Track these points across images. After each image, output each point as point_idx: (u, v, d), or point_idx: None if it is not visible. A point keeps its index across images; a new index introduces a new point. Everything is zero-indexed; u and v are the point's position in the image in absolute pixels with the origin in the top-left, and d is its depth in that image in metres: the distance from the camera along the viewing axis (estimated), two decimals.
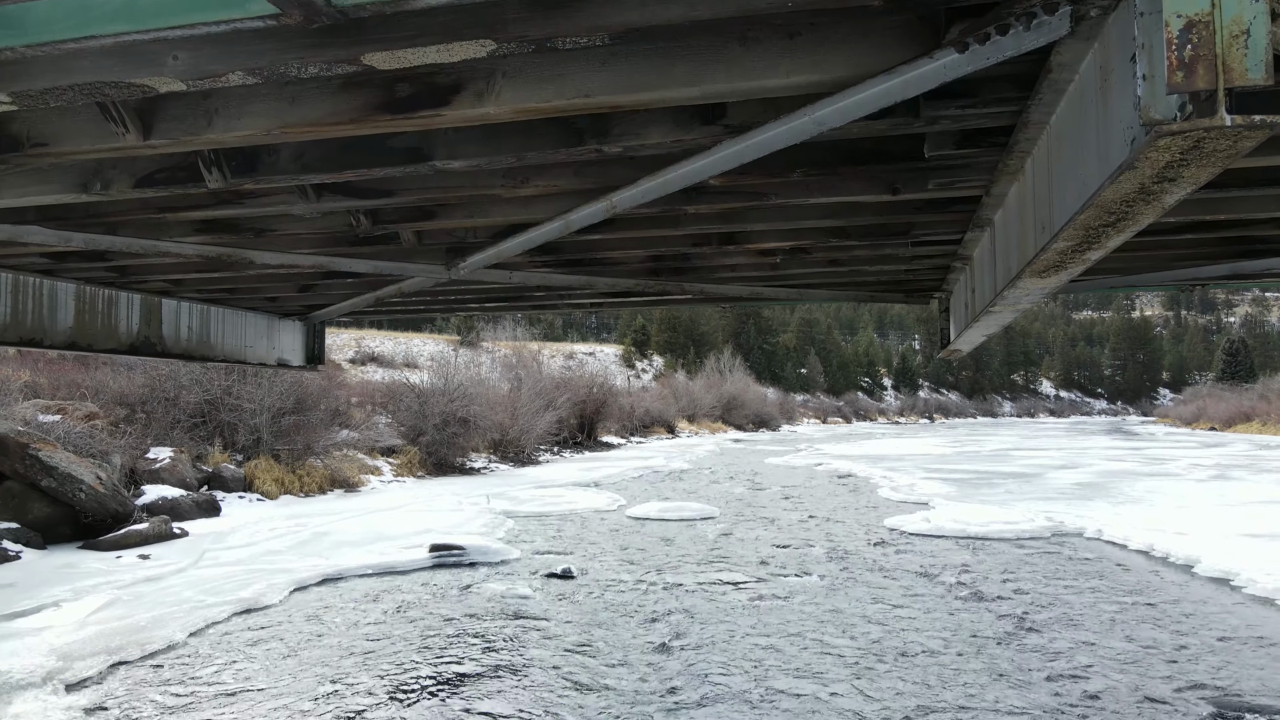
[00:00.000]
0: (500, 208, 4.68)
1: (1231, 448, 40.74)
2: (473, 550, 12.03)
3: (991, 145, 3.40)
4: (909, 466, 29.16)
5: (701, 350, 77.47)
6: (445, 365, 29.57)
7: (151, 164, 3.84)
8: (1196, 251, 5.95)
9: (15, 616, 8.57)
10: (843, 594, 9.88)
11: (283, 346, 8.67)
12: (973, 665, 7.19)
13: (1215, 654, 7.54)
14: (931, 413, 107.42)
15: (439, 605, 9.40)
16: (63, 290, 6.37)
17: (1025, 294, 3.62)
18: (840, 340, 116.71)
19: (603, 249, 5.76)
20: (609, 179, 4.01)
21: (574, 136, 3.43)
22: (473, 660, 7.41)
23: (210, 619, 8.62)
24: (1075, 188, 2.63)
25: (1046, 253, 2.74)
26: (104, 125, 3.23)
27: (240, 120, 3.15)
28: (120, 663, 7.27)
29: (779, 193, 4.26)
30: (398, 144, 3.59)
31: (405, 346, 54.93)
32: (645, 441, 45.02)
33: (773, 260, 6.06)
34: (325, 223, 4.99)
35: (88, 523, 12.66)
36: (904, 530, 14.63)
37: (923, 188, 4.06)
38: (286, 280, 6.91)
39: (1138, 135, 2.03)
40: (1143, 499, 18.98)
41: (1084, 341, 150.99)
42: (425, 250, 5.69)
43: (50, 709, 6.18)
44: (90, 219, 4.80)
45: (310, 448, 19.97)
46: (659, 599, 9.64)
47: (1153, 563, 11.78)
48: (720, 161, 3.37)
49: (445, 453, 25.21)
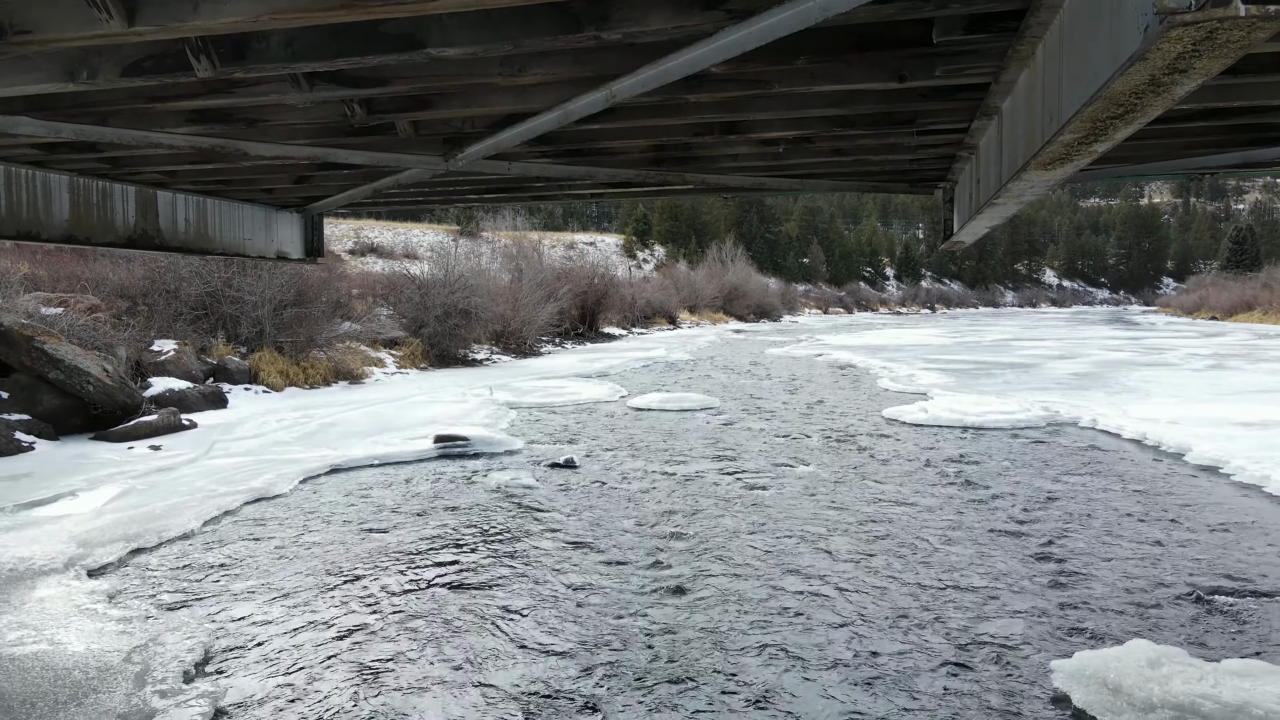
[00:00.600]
0: (498, 97, 4.58)
1: (1230, 337, 40.89)
2: (477, 441, 12.25)
3: (1002, 30, 3.30)
4: (908, 357, 29.36)
5: (703, 239, 76.87)
6: (445, 256, 29.40)
7: (138, 51, 3.74)
8: (1207, 139, 5.84)
9: (34, 505, 8.81)
10: (840, 485, 10.12)
11: (281, 239, 8.61)
12: (968, 558, 7.42)
13: (1204, 541, 7.76)
14: (934, 303, 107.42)
15: (444, 495, 9.64)
16: (56, 182, 6.29)
17: (1030, 185, 3.58)
18: (844, 229, 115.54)
19: (603, 139, 5.66)
20: (608, 67, 3.91)
21: (572, 22, 3.33)
22: (476, 551, 7.64)
23: (223, 507, 8.86)
24: (1086, 76, 2.57)
25: (1053, 145, 2.70)
26: (87, 11, 3.14)
27: (226, 5, 3.05)
28: (139, 549, 7.51)
29: (782, 80, 4.16)
30: (390, 30, 3.49)
31: (404, 237, 54.56)
32: (647, 332, 45.20)
33: (776, 150, 5.96)
34: (319, 112, 4.88)
35: (97, 414, 12.85)
36: (902, 420, 14.85)
37: (930, 75, 3.95)
38: (282, 172, 6.81)
39: (1151, 23, 1.97)
40: (1138, 388, 19.17)
41: (1090, 230, 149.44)
42: (422, 141, 5.59)
43: (74, 593, 6.41)
44: (79, 109, 4.71)
45: (313, 340, 20.08)
46: (661, 489, 9.88)
47: (1145, 451, 12.00)
48: (722, 49, 3.28)
49: (447, 344, 25.35)
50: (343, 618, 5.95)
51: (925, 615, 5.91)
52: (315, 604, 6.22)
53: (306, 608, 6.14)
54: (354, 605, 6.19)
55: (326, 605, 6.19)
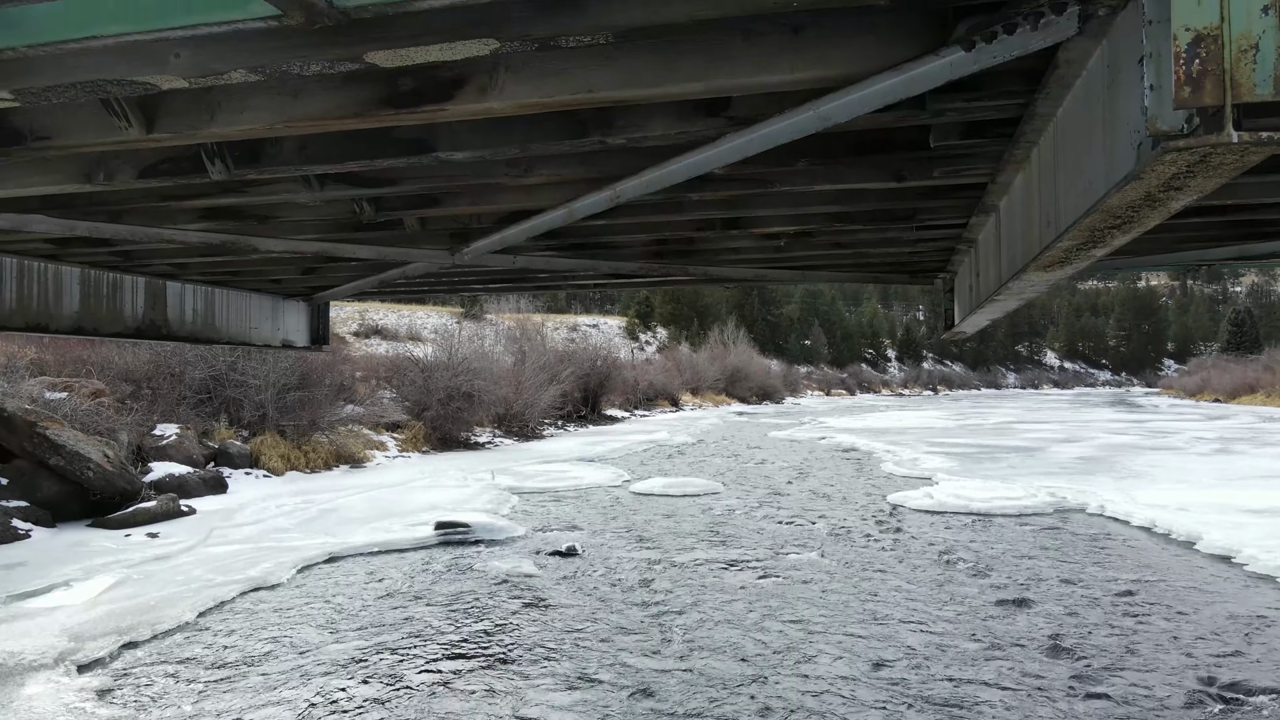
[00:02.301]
0: (504, 195, 4.67)
1: (1235, 420, 40.74)
2: (478, 528, 12.11)
3: (997, 136, 3.38)
4: (912, 440, 29.22)
5: (705, 322, 77.38)
6: (449, 338, 29.57)
7: (155, 155, 3.83)
8: (1204, 234, 5.92)
9: (27, 596, 8.67)
10: (847, 574, 9.95)
11: (287, 327, 8.68)
12: (978, 650, 7.25)
13: (1219, 635, 7.59)
14: (935, 384, 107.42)
15: (444, 585, 9.48)
16: (68, 274, 6.37)
17: (1030, 285, 3.62)
18: (844, 311, 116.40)
19: (607, 233, 5.75)
20: (613, 168, 4.00)
21: (578, 128, 3.42)
22: (477, 643, 7.48)
23: (219, 598, 8.70)
24: (1081, 185, 2.62)
25: (1052, 250, 2.74)
26: (106, 119, 3.23)
27: (242, 115, 3.14)
28: (131, 643, 7.36)
29: (783, 180, 4.25)
30: (401, 135, 3.58)
31: (409, 319, 54.96)
32: (649, 414, 45.12)
33: (777, 243, 6.04)
34: (329, 210, 4.98)
35: (96, 500, 12.75)
36: (907, 506, 14.70)
37: (928, 175, 4.04)
38: (290, 263, 6.91)
39: (1144, 141, 2.02)
40: (1145, 473, 19.01)
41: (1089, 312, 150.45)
42: (429, 235, 5.68)
43: (62, 690, 6.26)
44: (94, 207, 4.80)
45: (315, 423, 20.05)
46: (664, 578, 9.72)
47: (1155, 539, 11.83)
48: (724, 154, 3.36)
49: (449, 427, 25.29)
50: (336, 715, 5.79)
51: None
52: (309, 703, 6.05)
53: (299, 706, 5.98)
54: (347, 705, 6.02)
55: (321, 706, 6.02)
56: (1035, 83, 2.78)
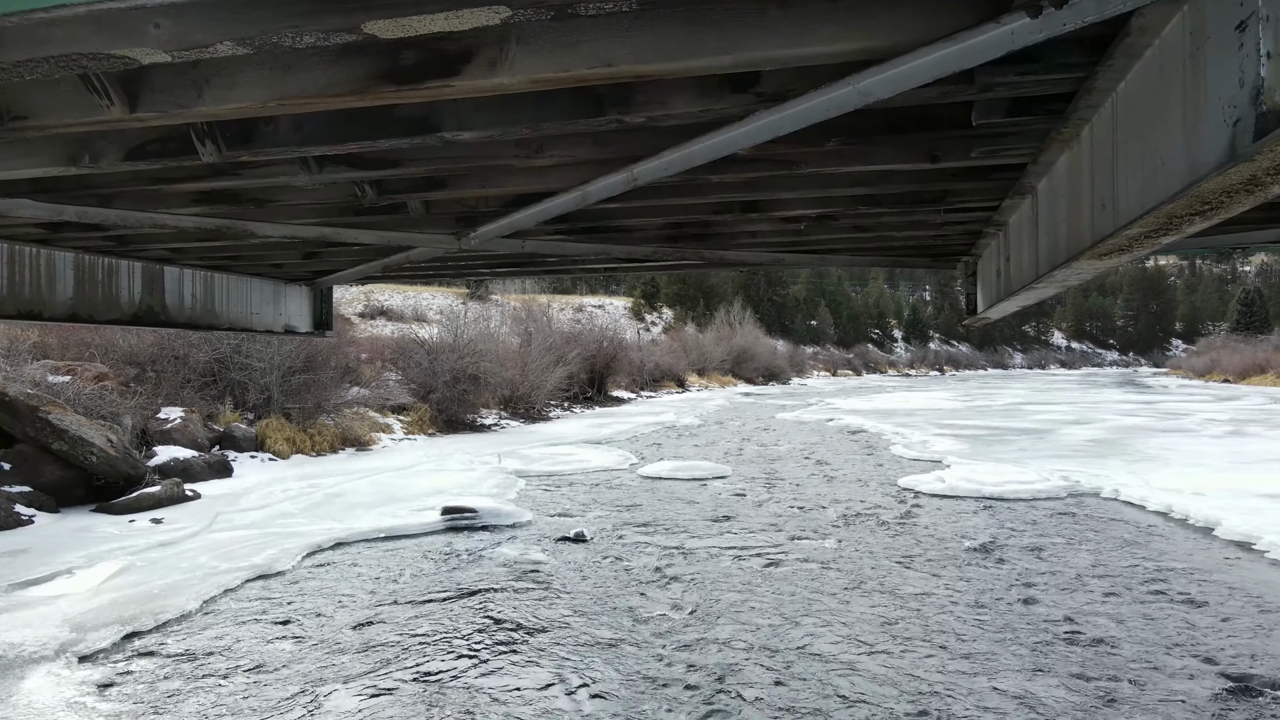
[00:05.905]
0: (514, 178, 4.43)
1: (1245, 401, 40.39)
2: (485, 513, 11.94)
3: (1047, 113, 3.14)
4: (920, 422, 28.99)
5: (711, 303, 77.02)
6: (455, 320, 29.33)
7: (141, 136, 3.60)
8: (1242, 216, 5.65)
9: (29, 584, 8.52)
10: (858, 560, 9.76)
11: (289, 312, 8.47)
12: (992, 637, 7.07)
13: (1258, 628, 7.39)
14: (942, 365, 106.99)
15: (452, 573, 9.32)
16: (61, 260, 6.16)
17: (1078, 273, 3.38)
18: (851, 291, 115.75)
19: (620, 217, 5.51)
20: (630, 148, 3.76)
21: (594, 106, 3.18)
22: (484, 631, 7.32)
23: (224, 586, 8.56)
24: (1150, 166, 2.38)
25: (1116, 237, 2.50)
26: (87, 97, 3.00)
27: (232, 91, 2.91)
28: (134, 633, 7.21)
29: (810, 161, 4.01)
30: (403, 114, 3.35)
31: (414, 300, 54.72)
32: (655, 396, 44.92)
33: (797, 227, 5.80)
34: (329, 193, 4.75)
35: (100, 485, 12.61)
36: (918, 490, 14.50)
37: (965, 155, 3.79)
38: (291, 248, 6.69)
39: (1243, 115, 1.78)
40: (1158, 456, 18.78)
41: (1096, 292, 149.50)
42: (434, 219, 5.45)
43: (63, 684, 6.12)
44: (82, 190, 4.58)
45: (321, 406, 19.89)
46: (672, 564, 9.54)
47: (1172, 525, 11.63)
48: (752, 133, 3.12)
49: (455, 410, 25.12)
50: (343, 708, 5.62)
51: (956, 709, 5.56)
52: (314, 693, 5.89)
53: (304, 697, 5.81)
54: (354, 697, 5.86)
55: (326, 694, 5.86)
56: (1099, 54, 2.53)
